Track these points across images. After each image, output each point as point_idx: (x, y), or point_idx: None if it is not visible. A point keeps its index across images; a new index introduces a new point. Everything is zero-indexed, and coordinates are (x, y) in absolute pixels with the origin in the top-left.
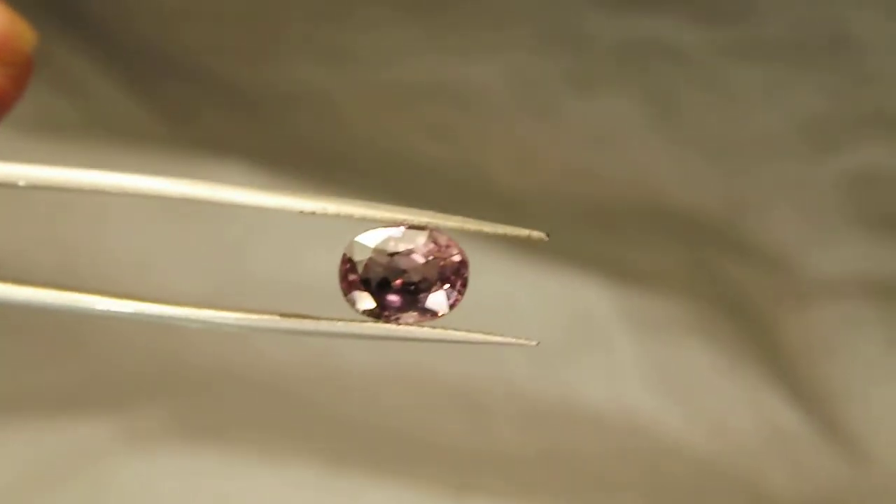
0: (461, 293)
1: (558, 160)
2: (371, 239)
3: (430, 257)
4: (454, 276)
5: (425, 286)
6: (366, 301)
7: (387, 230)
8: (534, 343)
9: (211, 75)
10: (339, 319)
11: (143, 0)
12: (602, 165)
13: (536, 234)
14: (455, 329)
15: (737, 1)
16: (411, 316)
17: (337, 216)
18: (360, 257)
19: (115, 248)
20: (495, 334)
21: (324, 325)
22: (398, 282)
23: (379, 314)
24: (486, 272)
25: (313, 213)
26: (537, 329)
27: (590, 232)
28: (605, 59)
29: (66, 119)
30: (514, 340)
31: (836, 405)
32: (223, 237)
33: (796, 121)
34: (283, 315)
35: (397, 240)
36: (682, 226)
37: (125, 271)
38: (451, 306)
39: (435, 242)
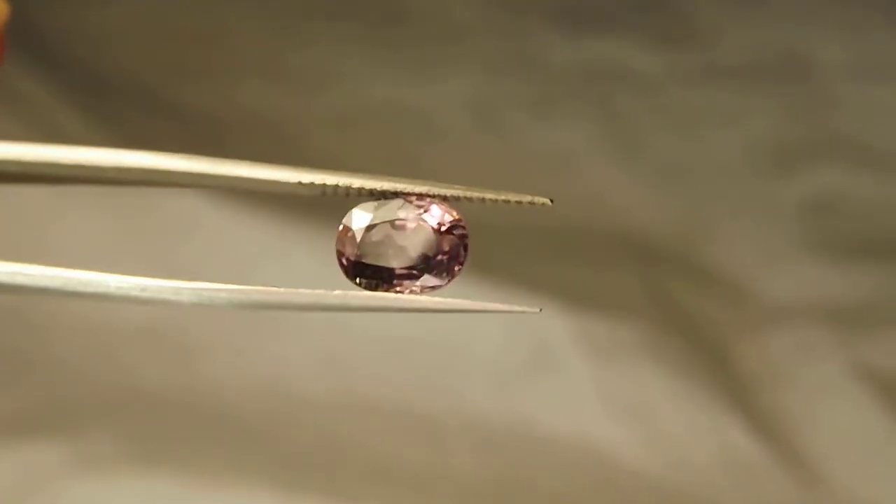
0: (462, 262)
1: (515, 183)
2: (369, 209)
3: (431, 226)
4: (455, 245)
5: (424, 256)
6: (364, 272)
7: (385, 200)
8: (537, 310)
9: (158, 95)
10: (337, 290)
11: (89, 19)
12: (559, 188)
13: (539, 199)
14: (454, 298)
15: (695, 26)
16: (410, 286)
17: (336, 187)
18: (357, 227)
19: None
20: (497, 303)
21: (320, 297)
22: (397, 251)
23: (376, 287)
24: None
25: (312, 184)
26: (494, 355)
27: (546, 256)
28: (563, 82)
29: (10, 137)
30: (517, 308)
31: (792, 431)
32: (178, 255)
33: (753, 145)
34: (276, 288)
35: (396, 209)
36: (640, 250)
37: None
38: (452, 276)
39: (434, 212)
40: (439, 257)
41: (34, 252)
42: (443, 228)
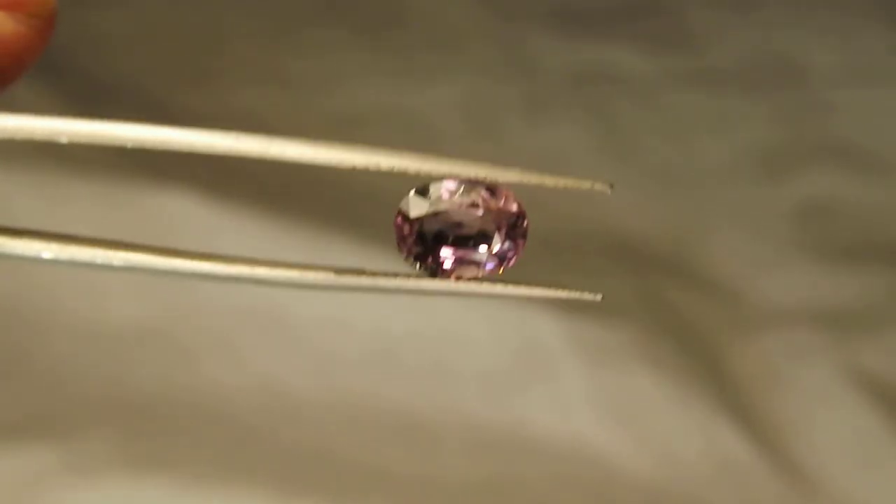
0: (521, 246)
1: (507, 187)
2: (426, 194)
3: (487, 210)
4: (512, 228)
5: (483, 239)
6: (423, 257)
7: (442, 184)
8: (598, 297)
9: (152, 99)
10: (396, 275)
11: (88, 25)
12: (551, 192)
13: (599, 185)
14: (515, 284)
15: (688, 30)
16: (469, 271)
17: (391, 171)
18: (415, 213)
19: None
20: (557, 289)
21: (381, 281)
22: (455, 235)
23: (436, 270)
24: (436, 300)
25: (366, 169)
26: (486, 358)
27: (538, 259)
28: (556, 86)
29: (7, 143)
30: (577, 295)
31: (784, 434)
32: None
33: (745, 149)
34: (337, 271)
35: (453, 193)
36: (632, 254)
37: (74, 293)
38: (511, 260)
39: (492, 195)
40: (500, 244)
41: None
42: (499, 211)
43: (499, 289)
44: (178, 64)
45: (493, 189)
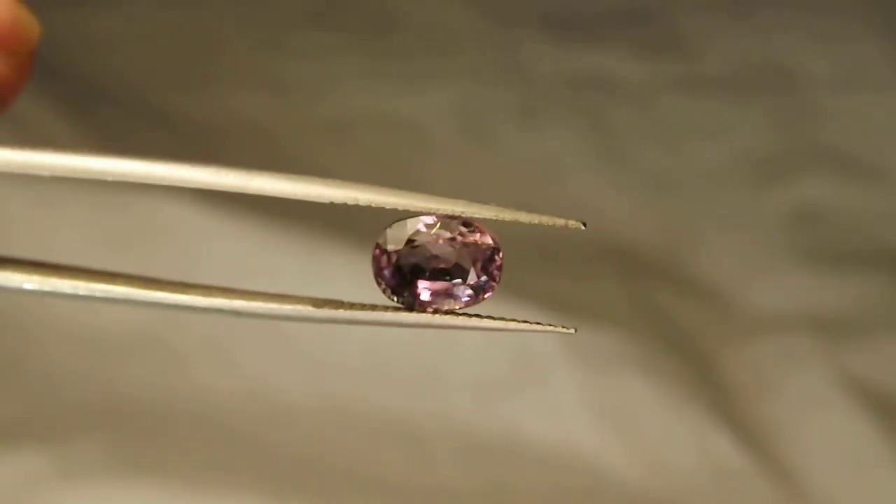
0: (496, 280)
1: (501, 192)
2: (403, 228)
3: (463, 245)
4: (488, 262)
5: (459, 274)
6: (400, 290)
7: (419, 219)
8: (572, 331)
9: (147, 103)
10: (375, 307)
11: (83, 29)
12: (544, 197)
13: (573, 222)
14: (490, 317)
15: (681, 37)
16: (445, 304)
17: (369, 206)
18: (392, 246)
19: None
20: (532, 322)
21: (359, 314)
22: (431, 270)
23: (412, 303)
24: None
25: (344, 204)
26: (479, 364)
27: (532, 265)
28: (550, 91)
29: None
30: (553, 328)
31: (776, 440)
32: (163, 261)
33: (739, 155)
34: (315, 303)
35: (430, 227)
36: (625, 260)
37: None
38: (487, 293)
39: (468, 230)
40: (476, 277)
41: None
42: (475, 246)
43: (474, 322)
44: (175, 68)
45: (468, 224)
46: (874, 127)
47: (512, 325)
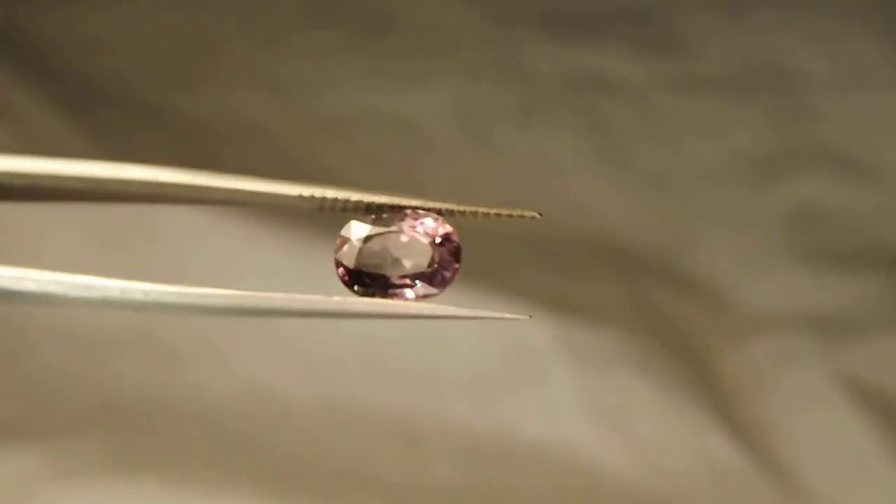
0: (454, 272)
1: (499, 191)
2: (367, 222)
3: (422, 238)
4: (447, 256)
5: (419, 266)
6: (362, 281)
7: (382, 214)
8: (526, 317)
9: (145, 103)
10: (335, 297)
11: (82, 29)
12: (543, 197)
13: (529, 212)
14: (445, 304)
15: (678, 36)
16: (405, 295)
17: (335, 200)
18: (356, 237)
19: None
20: (487, 310)
21: (319, 303)
22: (394, 262)
23: (373, 295)
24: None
25: (312, 197)
26: (476, 362)
27: (529, 264)
28: (548, 90)
29: (1, 149)
30: (507, 315)
31: (773, 440)
32: (164, 266)
33: (736, 154)
34: (273, 293)
35: (389, 222)
36: (623, 258)
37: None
38: (445, 285)
39: (426, 223)
40: (433, 267)
41: (20, 265)
42: (437, 240)
43: (431, 309)
44: (172, 67)
45: (430, 217)
46: (874, 127)
47: (467, 311)
